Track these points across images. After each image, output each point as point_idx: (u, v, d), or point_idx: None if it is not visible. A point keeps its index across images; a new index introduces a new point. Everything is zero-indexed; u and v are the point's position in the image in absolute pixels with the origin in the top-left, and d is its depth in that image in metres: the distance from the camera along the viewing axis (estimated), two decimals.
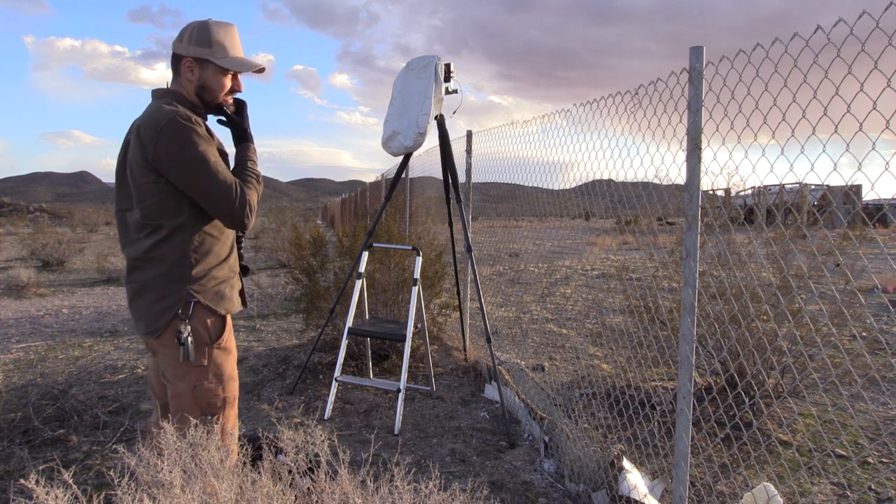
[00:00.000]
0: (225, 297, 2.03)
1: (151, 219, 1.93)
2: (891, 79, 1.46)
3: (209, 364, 1.99)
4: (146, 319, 1.97)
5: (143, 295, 1.98)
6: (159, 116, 1.87)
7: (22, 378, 4.60)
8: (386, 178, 9.97)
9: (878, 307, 6.94)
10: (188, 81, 2.01)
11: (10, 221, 36.51)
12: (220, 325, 2.02)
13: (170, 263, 1.93)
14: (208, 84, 2.00)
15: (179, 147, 1.85)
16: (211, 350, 1.99)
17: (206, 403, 1.99)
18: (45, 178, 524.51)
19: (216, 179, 1.89)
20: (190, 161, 1.86)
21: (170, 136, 1.85)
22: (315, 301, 5.01)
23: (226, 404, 2.05)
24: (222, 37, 1.99)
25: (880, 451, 3.35)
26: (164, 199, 1.91)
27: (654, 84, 2.33)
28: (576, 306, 7.94)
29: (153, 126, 1.86)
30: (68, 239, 15.78)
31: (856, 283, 2.74)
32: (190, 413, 1.95)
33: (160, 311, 1.94)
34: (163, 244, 1.93)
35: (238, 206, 1.92)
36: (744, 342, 3.43)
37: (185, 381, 1.97)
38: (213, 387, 2.00)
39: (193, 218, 1.95)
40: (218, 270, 2.02)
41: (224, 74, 2.02)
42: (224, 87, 2.03)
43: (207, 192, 1.90)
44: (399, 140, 4.06)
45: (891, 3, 1.44)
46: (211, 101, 2.04)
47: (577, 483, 2.81)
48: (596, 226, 10.29)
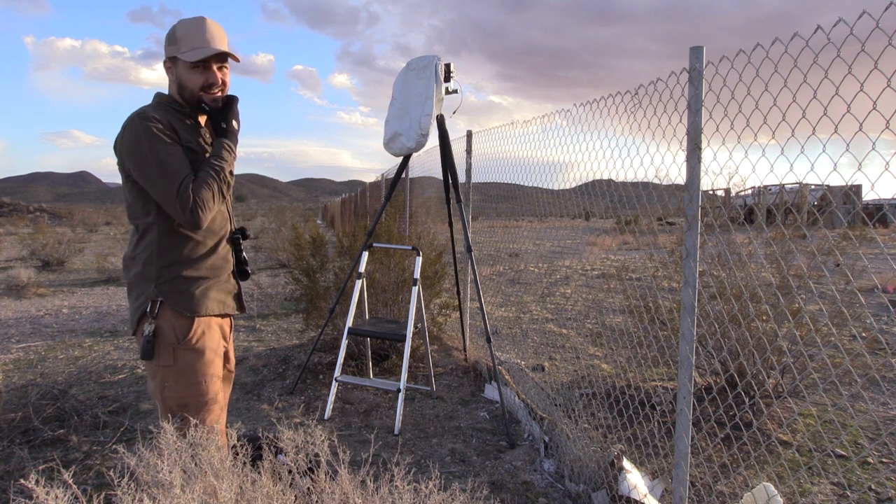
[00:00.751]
0: (194, 299, 1.98)
1: (131, 218, 2.00)
2: (891, 79, 1.46)
3: (175, 364, 1.96)
4: (131, 318, 2.03)
5: (129, 294, 2.03)
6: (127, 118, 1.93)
7: (22, 378, 4.60)
8: (386, 178, 9.97)
9: (878, 307, 6.94)
10: (171, 81, 2.05)
11: (10, 221, 36.51)
12: (186, 326, 1.97)
13: (142, 262, 1.96)
14: (182, 81, 2.01)
15: (133, 144, 1.89)
16: (177, 350, 1.96)
17: (175, 404, 1.97)
18: (45, 178, 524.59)
19: (160, 174, 1.87)
20: (141, 156, 1.88)
21: (128, 134, 1.90)
22: (315, 301, 5.01)
23: (200, 407, 2.00)
24: (187, 31, 1.98)
25: (880, 451, 3.35)
26: (136, 197, 1.96)
27: (654, 84, 2.33)
28: (576, 306, 7.94)
29: (121, 128, 1.93)
30: (68, 239, 15.78)
31: (856, 283, 2.74)
32: (162, 412, 1.97)
33: (135, 309, 1.98)
34: (140, 243, 1.97)
35: (180, 202, 1.86)
36: (744, 342, 3.42)
37: (154, 380, 1.98)
38: (181, 387, 1.96)
39: (160, 216, 1.95)
40: (189, 271, 1.98)
41: (193, 68, 1.98)
42: (196, 81, 1.99)
43: (154, 188, 1.89)
44: (401, 141, 4.06)
45: (891, 3, 1.44)
46: (190, 98, 2.02)
47: (577, 483, 2.81)
48: (596, 226, 10.29)
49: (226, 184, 1.99)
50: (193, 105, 2.04)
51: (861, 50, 1.49)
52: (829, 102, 1.59)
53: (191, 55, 1.95)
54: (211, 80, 2.01)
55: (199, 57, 1.96)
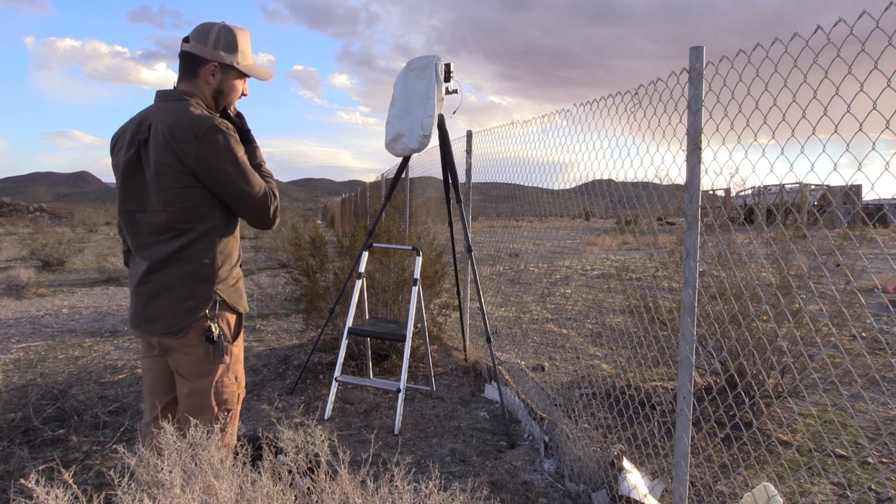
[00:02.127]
0: (242, 296, 2.11)
1: (181, 222, 1.92)
2: (891, 79, 1.46)
3: (231, 361, 2.05)
4: (167, 319, 1.96)
5: (164, 295, 1.96)
6: (196, 121, 1.87)
7: (22, 378, 4.60)
8: (386, 178, 9.97)
9: (878, 307, 6.94)
10: (207, 84, 2.02)
11: (10, 221, 36.51)
12: (238, 323, 2.09)
13: (197, 265, 1.95)
14: (226, 88, 2.04)
15: (221, 154, 1.89)
16: (231, 347, 2.05)
17: (223, 399, 2.03)
18: (45, 178, 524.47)
19: (253, 185, 1.96)
20: (231, 168, 1.91)
21: (211, 142, 1.87)
22: (315, 301, 5.01)
23: (238, 400, 2.11)
24: (245, 44, 2.06)
25: (880, 451, 3.35)
26: (198, 203, 1.93)
27: (654, 84, 2.33)
28: (576, 306, 7.94)
29: (192, 131, 1.86)
30: (68, 239, 15.78)
31: (856, 283, 2.74)
32: (207, 410, 1.99)
33: (186, 310, 1.94)
34: (191, 246, 1.94)
35: (273, 210, 2.01)
36: (744, 342, 3.42)
37: (207, 378, 1.99)
38: (231, 383, 2.05)
39: (223, 221, 2.00)
40: (235, 270, 2.08)
41: (241, 79, 2.08)
42: (238, 91, 2.09)
43: (246, 198, 1.96)
44: (404, 142, 4.07)
45: (891, 3, 1.44)
46: (224, 105, 2.09)
47: (577, 483, 2.81)
48: (596, 226, 10.29)
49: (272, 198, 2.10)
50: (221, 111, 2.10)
51: (861, 50, 1.49)
52: (829, 102, 1.59)
53: (250, 69, 2.07)
54: (246, 91, 2.14)
55: (262, 77, 2.11)
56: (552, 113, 3.70)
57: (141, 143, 1.94)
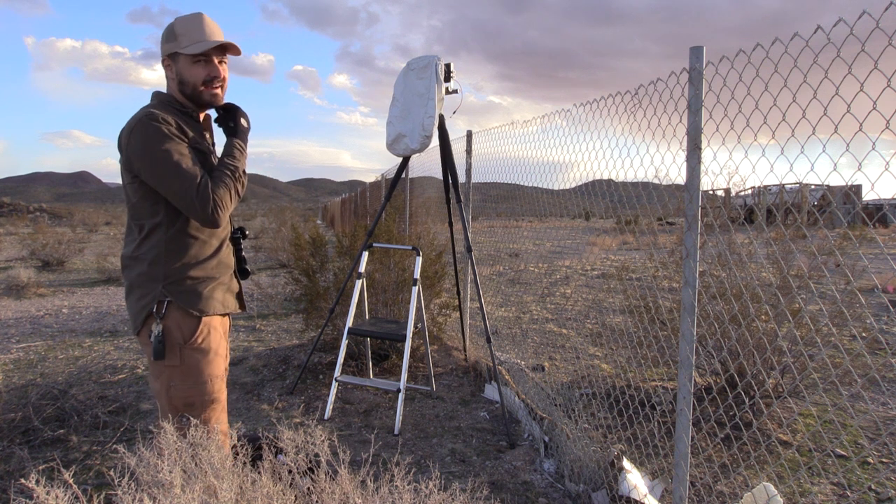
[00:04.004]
0: (202, 298, 2.00)
1: (135, 218, 1.97)
2: (891, 79, 1.46)
3: (181, 364, 1.98)
4: (131, 318, 2.02)
5: (130, 294, 2.01)
6: (133, 118, 1.92)
7: (22, 378, 4.60)
8: (386, 178, 9.97)
9: (878, 307, 6.94)
10: (170, 80, 2.04)
11: (10, 221, 36.51)
12: (193, 326, 1.99)
13: (148, 263, 1.95)
14: (184, 76, 2.00)
15: (144, 145, 1.87)
16: (184, 350, 1.97)
17: (181, 404, 1.98)
18: (45, 178, 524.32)
19: (177, 175, 1.87)
20: (153, 158, 1.87)
21: (138, 135, 1.88)
22: (315, 301, 5.01)
23: (205, 406, 2.02)
24: (186, 27, 1.99)
25: (880, 451, 3.35)
26: (142, 198, 1.94)
27: (654, 84, 2.33)
28: (576, 306, 7.93)
29: (127, 128, 1.91)
30: (68, 239, 15.79)
31: (856, 283, 2.74)
32: (167, 412, 1.97)
33: (139, 309, 1.97)
34: (144, 243, 1.96)
35: (199, 202, 1.87)
36: (744, 342, 3.42)
37: (159, 380, 1.98)
38: (187, 387, 1.98)
39: (169, 217, 1.96)
40: (196, 270, 2.00)
41: (195, 62, 1.99)
42: (198, 74, 2.00)
43: (170, 189, 1.88)
44: (405, 143, 4.07)
45: (891, 3, 1.44)
46: (193, 95, 2.02)
47: (577, 483, 2.81)
48: (596, 226, 10.29)
49: (240, 183, 2.01)
50: (195, 102, 2.04)
51: (861, 50, 1.49)
52: (829, 102, 1.59)
53: (193, 48, 1.96)
54: (213, 73, 2.01)
55: (201, 49, 1.96)
56: (552, 113, 3.70)
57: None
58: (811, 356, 3.58)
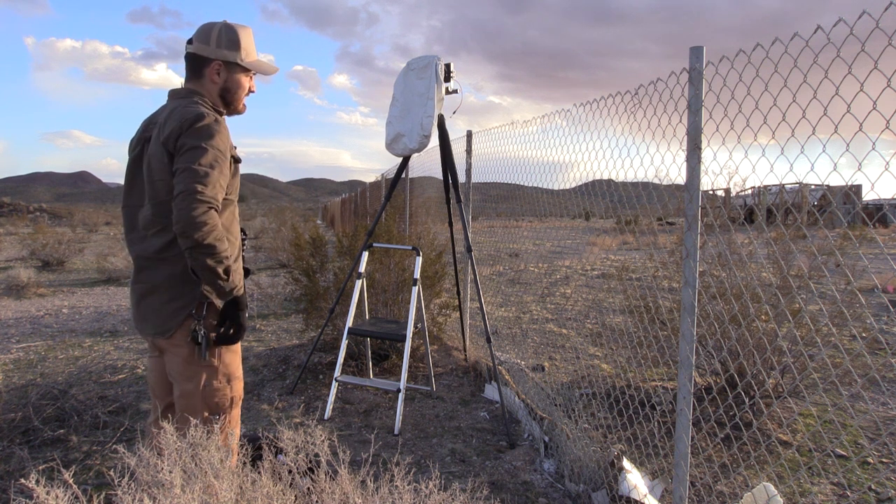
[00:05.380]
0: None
1: (164, 216, 1.88)
2: (891, 79, 1.46)
3: (219, 364, 2.00)
4: (155, 320, 1.97)
5: (153, 295, 1.97)
6: (189, 112, 1.87)
7: (22, 378, 4.60)
8: (386, 178, 9.97)
9: (878, 307, 6.94)
10: (212, 83, 2.03)
11: (10, 221, 36.50)
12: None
13: (182, 264, 1.91)
14: (232, 86, 2.05)
15: (200, 141, 1.83)
16: (221, 350, 2.01)
17: (213, 403, 2.00)
18: (45, 178, 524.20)
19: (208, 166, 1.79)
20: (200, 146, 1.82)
21: (197, 131, 1.83)
22: (315, 301, 5.01)
23: (233, 404, 2.07)
24: (247, 41, 2.06)
25: (880, 451, 3.35)
26: None
27: (654, 84, 2.33)
28: (576, 306, 7.93)
29: (181, 121, 1.84)
30: (68, 239, 15.79)
31: (856, 283, 2.74)
32: (198, 412, 1.96)
33: (173, 311, 1.94)
34: (175, 244, 1.89)
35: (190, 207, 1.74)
36: (744, 342, 3.42)
37: (194, 380, 1.98)
38: (221, 386, 2.02)
39: None
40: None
41: (246, 76, 2.08)
42: (245, 88, 2.09)
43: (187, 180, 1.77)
44: (404, 142, 4.07)
45: (891, 3, 1.44)
46: (232, 102, 2.07)
47: (577, 483, 2.81)
48: (596, 226, 10.29)
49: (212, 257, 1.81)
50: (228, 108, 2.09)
51: (861, 50, 1.49)
52: (829, 102, 1.59)
53: (254, 65, 2.06)
54: (252, 88, 2.13)
55: (266, 71, 2.10)
56: (552, 113, 3.70)
57: (145, 141, 1.97)
58: (811, 356, 3.58)
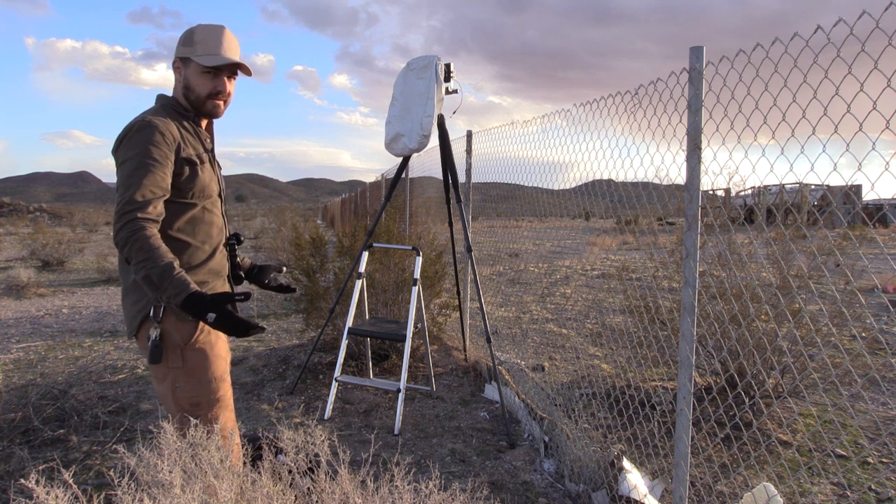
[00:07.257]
0: None
1: None
2: (891, 79, 1.46)
3: (184, 365, 1.98)
4: (127, 321, 2.02)
5: (125, 298, 2.02)
6: (127, 126, 1.89)
7: (22, 378, 4.60)
8: (386, 178, 9.97)
9: (878, 307, 6.94)
10: (177, 82, 2.05)
11: (10, 221, 36.51)
12: (191, 328, 1.97)
13: None
14: (190, 83, 2.01)
15: (131, 142, 1.83)
16: (185, 351, 1.97)
17: (187, 404, 1.98)
18: (45, 178, 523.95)
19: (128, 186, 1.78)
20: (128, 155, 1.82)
21: (126, 144, 1.85)
22: (315, 301, 5.01)
23: (212, 406, 2.03)
24: (206, 36, 1.99)
25: (880, 451, 3.35)
26: None
27: (654, 84, 2.33)
28: (576, 306, 7.93)
29: (126, 128, 1.88)
30: (68, 239, 15.79)
31: (856, 283, 2.74)
32: (173, 413, 1.97)
33: (135, 313, 1.97)
34: None
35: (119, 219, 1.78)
36: (744, 342, 3.42)
37: (165, 382, 1.98)
38: (191, 387, 1.98)
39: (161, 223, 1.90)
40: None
41: (204, 73, 1.99)
42: (205, 86, 2.00)
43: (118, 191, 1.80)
44: (403, 142, 4.07)
45: (891, 3, 1.44)
46: (196, 102, 2.02)
47: (577, 483, 2.81)
48: (596, 226, 10.29)
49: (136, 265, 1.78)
50: (196, 109, 2.04)
51: (861, 50, 1.49)
52: (829, 102, 1.59)
53: (205, 59, 1.97)
54: (219, 87, 2.03)
55: (214, 63, 1.97)
56: (552, 113, 3.70)
57: None
58: (811, 356, 3.58)
